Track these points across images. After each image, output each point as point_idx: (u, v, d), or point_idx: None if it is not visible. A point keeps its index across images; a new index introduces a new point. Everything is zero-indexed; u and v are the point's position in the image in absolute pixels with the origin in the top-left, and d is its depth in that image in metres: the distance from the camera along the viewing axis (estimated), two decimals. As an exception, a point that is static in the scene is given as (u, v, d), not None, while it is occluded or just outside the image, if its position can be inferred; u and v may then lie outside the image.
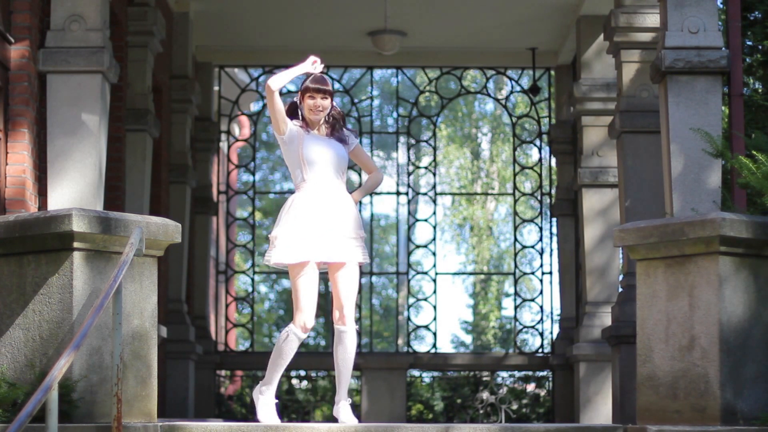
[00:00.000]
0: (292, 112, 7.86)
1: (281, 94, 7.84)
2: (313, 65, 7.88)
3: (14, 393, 6.80)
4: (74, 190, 9.22)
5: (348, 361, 7.72)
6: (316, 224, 7.63)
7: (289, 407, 16.08)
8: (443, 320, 34.73)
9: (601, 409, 13.11)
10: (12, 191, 9.11)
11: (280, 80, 7.71)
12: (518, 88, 16.68)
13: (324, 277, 7.86)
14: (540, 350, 15.62)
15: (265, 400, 7.71)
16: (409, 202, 16.04)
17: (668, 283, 7.21)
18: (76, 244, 6.93)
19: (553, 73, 15.70)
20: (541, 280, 15.74)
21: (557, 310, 15.51)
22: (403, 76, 16.32)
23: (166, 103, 13.62)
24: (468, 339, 28.64)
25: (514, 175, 16.15)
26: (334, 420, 7.79)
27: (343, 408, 7.69)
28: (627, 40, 10.88)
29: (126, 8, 11.61)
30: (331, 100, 7.87)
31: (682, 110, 9.01)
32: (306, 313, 7.59)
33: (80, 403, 6.86)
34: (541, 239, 15.81)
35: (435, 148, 16.53)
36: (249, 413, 15.89)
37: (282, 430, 6.97)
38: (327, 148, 7.77)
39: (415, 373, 16.00)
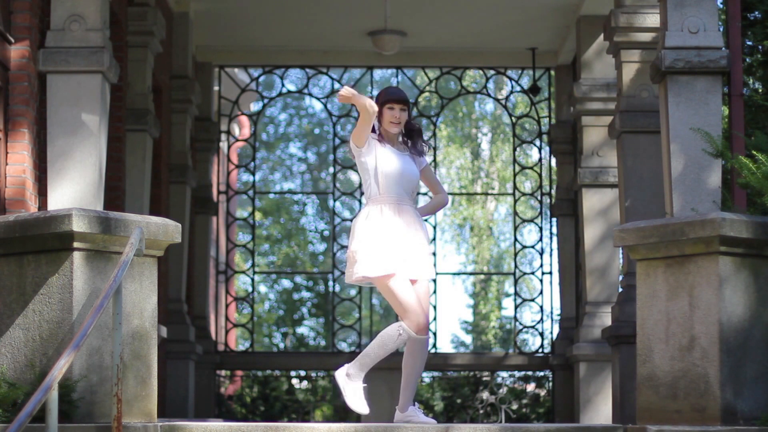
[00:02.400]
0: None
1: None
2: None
3: (14, 393, 6.80)
4: (74, 190, 9.21)
5: (417, 370, 7.65)
6: (396, 238, 7.59)
7: (289, 407, 16.08)
8: (443, 320, 34.77)
9: (601, 409, 13.11)
10: (12, 191, 9.11)
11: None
12: (518, 88, 16.67)
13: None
14: (540, 350, 15.62)
15: (354, 386, 7.60)
16: (409, 202, 16.02)
17: (668, 283, 7.21)
18: (76, 244, 6.93)
19: (553, 73, 15.70)
20: (541, 280, 15.73)
21: (557, 310, 15.51)
22: (403, 76, 16.32)
23: (166, 103, 13.62)
24: (468, 339, 28.65)
25: (514, 175, 16.15)
26: (334, 420, 7.79)
27: (414, 413, 7.60)
28: (627, 40, 10.88)
29: (126, 8, 11.61)
30: (409, 113, 7.81)
31: (682, 110, 9.01)
32: (417, 313, 7.52)
33: (80, 403, 6.86)
34: (541, 239, 15.81)
35: (435, 148, 16.53)
36: (249, 413, 15.89)
37: (282, 430, 6.97)
38: (401, 163, 7.72)
39: (415, 373, 15.97)
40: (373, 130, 7.81)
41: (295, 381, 16.53)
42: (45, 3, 9.53)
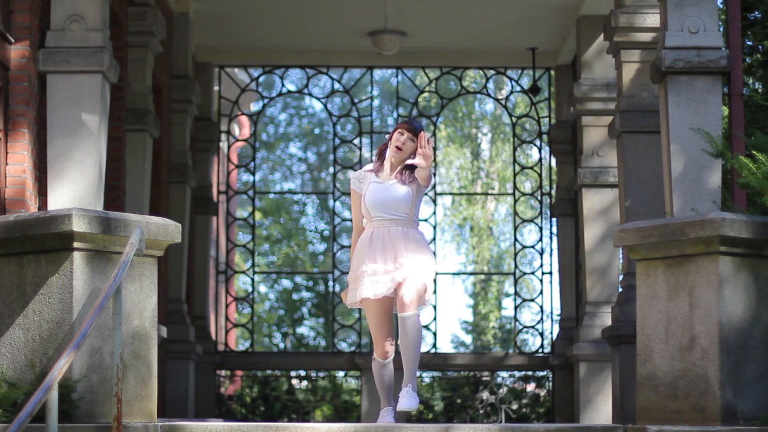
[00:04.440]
0: (380, 154, 8.10)
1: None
2: None
3: (14, 393, 6.80)
4: (74, 190, 9.21)
5: (408, 347, 7.83)
6: (369, 263, 7.89)
7: (289, 407, 16.08)
8: (443, 320, 34.76)
9: (601, 409, 13.11)
10: (12, 191, 9.11)
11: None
12: (518, 88, 16.67)
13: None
14: (540, 350, 15.61)
15: (383, 413, 8.06)
16: (409, 202, 16.01)
17: (668, 283, 7.21)
18: (76, 244, 6.93)
19: (553, 73, 15.70)
20: (541, 280, 15.73)
21: (557, 310, 15.51)
22: (403, 76, 16.32)
23: (166, 103, 13.61)
24: (468, 339, 28.65)
25: (514, 175, 16.15)
26: (334, 420, 7.85)
27: (403, 395, 7.86)
28: (627, 40, 10.88)
29: (126, 8, 11.61)
30: (416, 148, 7.93)
31: (682, 110, 9.01)
32: (378, 344, 8.00)
33: (80, 403, 6.86)
34: (541, 239, 15.81)
35: (435, 149, 16.52)
36: (249, 413, 15.89)
37: (282, 430, 6.97)
38: (389, 193, 7.98)
39: (416, 373, 15.98)
40: (381, 156, 8.08)
41: (295, 381, 16.53)
42: (45, 3, 9.53)
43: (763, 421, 6.92)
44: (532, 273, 16.25)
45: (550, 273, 15.74)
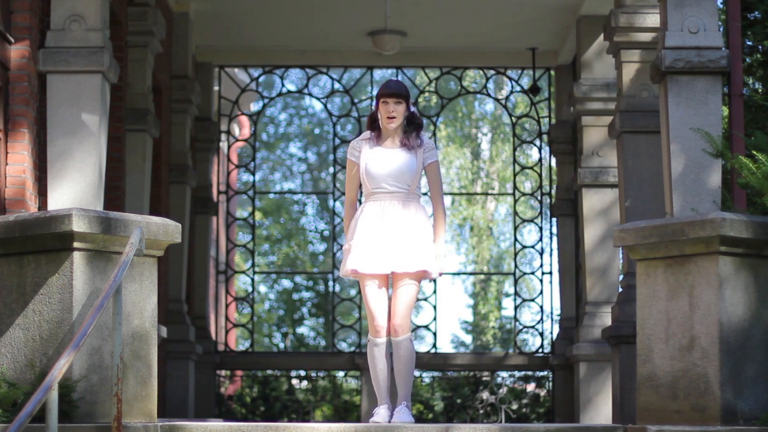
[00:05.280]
0: (372, 122, 7.88)
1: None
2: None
3: (14, 393, 6.80)
4: (74, 190, 9.21)
5: (401, 372, 7.77)
6: (371, 236, 7.72)
7: (289, 407, 16.08)
8: (443, 320, 34.77)
9: (601, 409, 13.11)
10: (12, 191, 9.10)
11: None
12: (518, 88, 16.67)
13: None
14: (540, 350, 15.62)
15: (377, 410, 7.81)
16: (409, 202, 16.00)
17: (668, 283, 7.21)
18: (76, 244, 6.93)
19: (553, 73, 15.70)
20: (541, 280, 15.73)
21: (557, 310, 15.51)
22: (403, 76, 16.32)
23: (166, 103, 13.62)
24: (468, 339, 28.65)
25: (514, 175, 16.15)
26: (334, 420, 7.82)
27: (398, 411, 7.74)
28: (627, 40, 10.88)
29: (126, 8, 11.61)
30: (407, 106, 7.82)
31: (682, 110, 9.01)
32: (372, 317, 7.74)
33: (80, 403, 6.87)
34: (541, 239, 15.81)
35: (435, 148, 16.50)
36: (249, 413, 15.89)
37: (282, 430, 6.97)
38: (391, 162, 7.78)
39: (415, 373, 16.00)
40: (375, 127, 7.83)
41: (295, 381, 16.53)
42: (45, 3, 9.53)
43: (763, 421, 6.92)
44: (532, 273, 16.25)
45: (550, 273, 15.74)
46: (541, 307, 15.68)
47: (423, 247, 7.76)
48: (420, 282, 7.84)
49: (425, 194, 8.71)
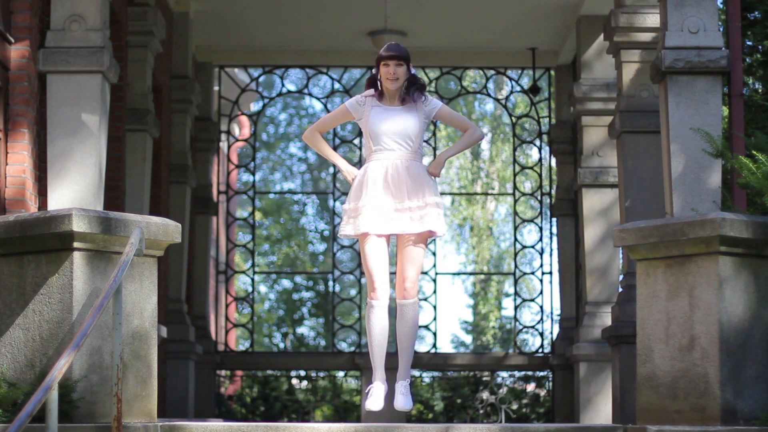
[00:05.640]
0: (372, 84, 7.86)
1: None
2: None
3: (14, 393, 6.81)
4: (74, 190, 9.21)
5: (406, 338, 7.70)
6: (375, 196, 7.67)
7: (289, 407, 16.08)
8: (443, 320, 34.75)
9: (601, 409, 13.11)
10: (12, 191, 9.10)
11: (316, 144, 7.95)
12: (518, 88, 16.67)
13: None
14: (540, 350, 15.62)
15: (372, 391, 7.69)
16: (409, 202, 15.99)
17: (668, 283, 7.21)
18: (76, 244, 6.93)
19: (553, 73, 15.70)
20: (541, 280, 15.73)
21: (557, 310, 15.51)
22: (403, 76, 16.30)
23: (166, 103, 13.62)
24: (468, 339, 28.65)
25: (514, 175, 16.15)
26: (334, 420, 7.80)
27: (398, 390, 7.68)
28: (627, 40, 10.88)
29: (126, 8, 11.61)
30: (407, 68, 7.80)
31: (682, 110, 9.01)
32: (372, 279, 7.64)
33: (80, 403, 6.87)
34: (541, 239, 15.81)
35: (435, 148, 16.52)
36: (249, 413, 15.89)
37: (282, 430, 6.97)
38: (394, 119, 7.75)
39: (415, 373, 16.00)
40: (375, 88, 7.85)
41: (295, 381, 16.53)
42: (45, 3, 9.53)
43: (763, 421, 6.92)
44: (532, 273, 16.25)
45: (550, 273, 15.74)
46: (541, 307, 15.69)
47: (428, 207, 7.72)
48: (426, 243, 7.81)
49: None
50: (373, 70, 7.91)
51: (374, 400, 7.68)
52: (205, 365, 14.81)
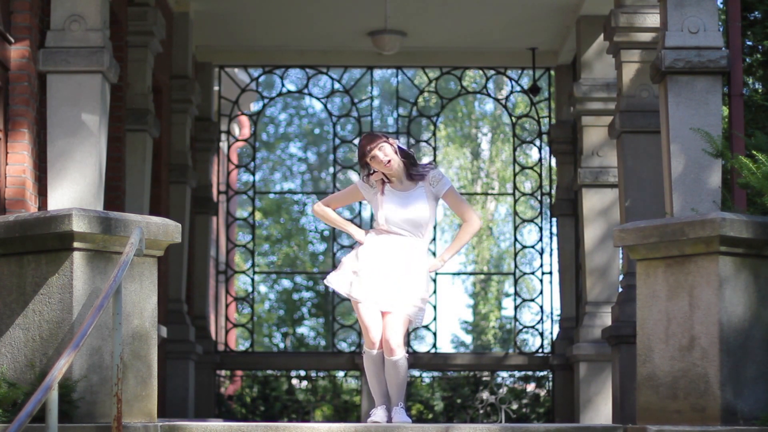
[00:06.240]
0: (366, 166, 7.87)
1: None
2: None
3: (14, 393, 6.80)
4: (74, 190, 9.21)
5: (394, 385, 7.89)
6: (373, 268, 7.82)
7: (289, 407, 16.08)
8: (443, 320, 34.75)
9: (601, 409, 13.11)
10: (12, 191, 9.10)
11: (327, 218, 8.00)
12: (518, 88, 16.67)
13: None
14: (540, 350, 15.62)
15: (374, 411, 7.93)
16: (409, 202, 15.99)
17: (668, 283, 7.21)
18: (76, 244, 6.93)
19: (553, 73, 15.70)
20: (541, 280, 15.73)
21: (557, 310, 15.51)
22: (403, 76, 16.32)
23: (166, 103, 13.62)
24: (468, 339, 28.65)
25: (514, 175, 16.15)
26: (334, 420, 7.83)
27: (394, 412, 7.86)
28: (627, 40, 10.88)
29: (126, 8, 11.61)
30: (393, 147, 7.80)
31: (682, 110, 9.01)
32: (369, 333, 7.83)
33: (80, 403, 6.87)
34: (541, 239, 15.81)
35: (435, 148, 16.53)
36: (249, 413, 15.89)
37: (282, 430, 6.97)
38: (406, 208, 7.83)
39: (415, 373, 16.00)
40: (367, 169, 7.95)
41: (295, 381, 16.53)
42: (45, 3, 9.53)
43: (763, 421, 6.92)
44: (532, 273, 16.25)
45: (550, 273, 15.74)
46: (541, 307, 15.68)
47: (417, 300, 7.87)
48: (408, 317, 7.92)
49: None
50: (362, 177, 7.89)
51: (377, 417, 7.94)
52: (205, 365, 14.81)
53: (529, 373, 15.58)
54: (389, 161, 7.76)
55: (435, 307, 15.81)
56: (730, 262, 7.05)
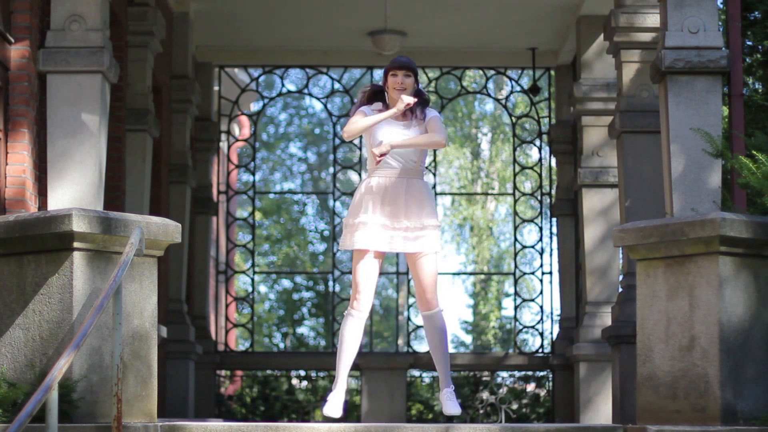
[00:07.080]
0: (375, 94, 7.84)
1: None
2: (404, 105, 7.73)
3: (14, 393, 6.80)
4: (74, 190, 9.21)
5: (438, 347, 7.74)
6: (374, 213, 7.68)
7: (289, 407, 16.08)
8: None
9: (601, 409, 13.11)
10: (12, 191, 9.11)
11: (360, 128, 7.75)
12: (518, 88, 16.67)
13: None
14: (540, 350, 15.62)
15: (332, 396, 7.74)
16: (409, 202, 15.99)
17: (668, 283, 7.21)
18: (76, 244, 6.93)
19: (553, 73, 15.70)
20: (541, 280, 15.73)
21: (557, 310, 15.51)
22: (403, 77, 16.29)
23: (166, 103, 13.62)
24: (468, 339, 28.65)
25: (514, 175, 16.15)
26: (334, 420, 7.79)
27: (444, 397, 7.73)
28: (627, 40, 10.88)
29: (126, 8, 11.61)
30: (415, 80, 7.81)
31: (682, 110, 9.01)
32: (357, 291, 7.72)
33: (80, 403, 6.87)
34: (541, 239, 15.81)
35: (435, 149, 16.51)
36: (249, 413, 15.89)
37: (282, 430, 6.97)
38: (397, 134, 7.74)
39: (415, 373, 16.00)
40: (383, 101, 7.83)
41: (295, 381, 16.53)
42: (45, 3, 9.53)
43: (763, 421, 6.92)
44: (532, 273, 16.25)
45: (550, 273, 15.74)
46: (541, 307, 15.68)
47: (426, 230, 7.74)
48: (435, 253, 7.81)
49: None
50: (381, 81, 7.91)
51: (333, 406, 7.73)
52: (205, 365, 14.81)
53: (529, 373, 15.58)
54: (404, 89, 7.73)
55: (435, 307, 15.79)
56: (730, 262, 7.05)
